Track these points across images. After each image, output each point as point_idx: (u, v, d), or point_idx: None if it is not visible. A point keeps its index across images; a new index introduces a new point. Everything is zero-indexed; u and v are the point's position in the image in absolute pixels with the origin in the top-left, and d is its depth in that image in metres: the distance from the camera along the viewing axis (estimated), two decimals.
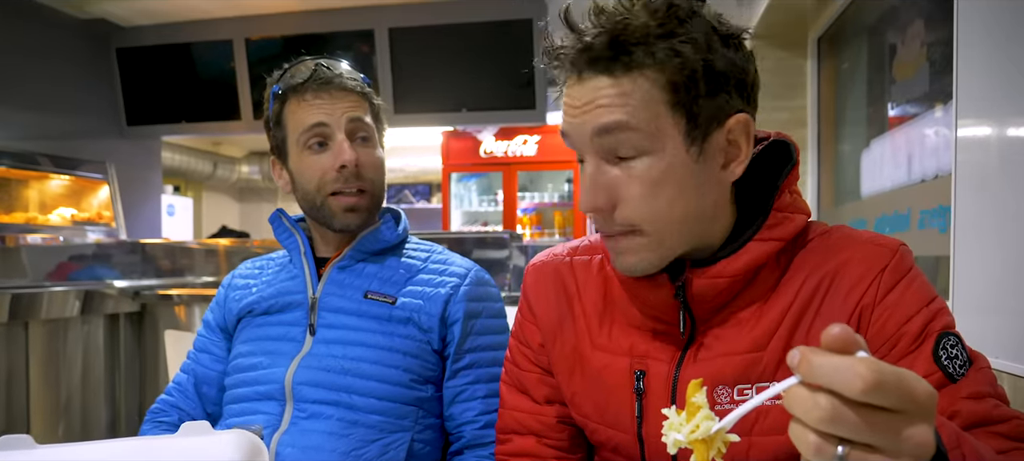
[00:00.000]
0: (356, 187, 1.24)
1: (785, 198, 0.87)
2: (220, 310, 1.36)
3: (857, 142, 2.65)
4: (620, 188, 0.81)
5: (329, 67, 1.26)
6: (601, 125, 0.79)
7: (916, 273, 0.85)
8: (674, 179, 0.80)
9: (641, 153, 0.80)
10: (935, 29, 1.94)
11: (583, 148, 0.82)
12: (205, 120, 5.24)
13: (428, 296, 1.25)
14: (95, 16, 4.96)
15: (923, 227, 1.92)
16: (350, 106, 1.24)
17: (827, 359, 0.48)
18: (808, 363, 0.48)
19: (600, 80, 0.79)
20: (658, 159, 0.80)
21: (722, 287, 0.84)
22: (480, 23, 4.64)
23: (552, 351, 1.01)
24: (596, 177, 0.81)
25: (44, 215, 4.48)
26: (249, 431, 0.86)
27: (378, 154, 1.29)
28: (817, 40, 3.16)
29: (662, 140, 0.79)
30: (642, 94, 0.78)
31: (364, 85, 1.28)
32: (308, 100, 1.24)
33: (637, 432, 0.90)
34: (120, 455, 0.78)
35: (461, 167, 6.97)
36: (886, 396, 0.47)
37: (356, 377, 1.19)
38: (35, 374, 2.77)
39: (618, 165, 0.81)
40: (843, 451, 0.48)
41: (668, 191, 0.80)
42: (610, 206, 0.82)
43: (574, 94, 0.81)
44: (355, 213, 1.25)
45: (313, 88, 1.23)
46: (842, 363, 0.47)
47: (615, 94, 0.78)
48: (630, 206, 0.81)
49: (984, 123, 1.33)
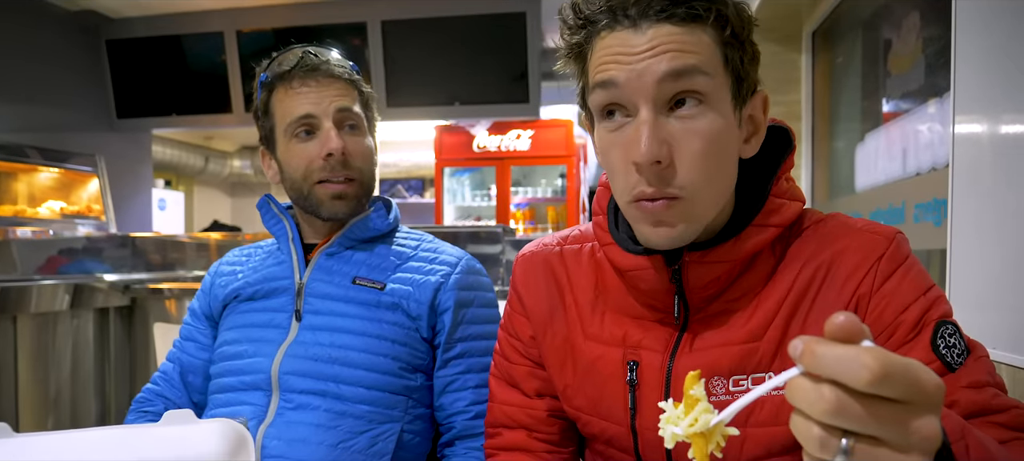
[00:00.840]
0: (343, 176, 1.22)
1: (781, 185, 0.86)
2: (206, 297, 1.34)
3: (851, 136, 2.65)
4: (680, 142, 0.77)
5: (316, 54, 1.24)
6: (673, 69, 0.75)
7: (913, 261, 0.84)
8: (724, 142, 0.79)
9: (704, 106, 0.77)
10: (931, 22, 1.93)
11: (638, 96, 0.76)
12: (196, 113, 5.22)
13: (417, 283, 1.23)
14: (85, 8, 4.93)
15: (918, 221, 1.91)
16: (337, 94, 1.23)
17: (831, 349, 0.46)
18: (812, 353, 0.46)
19: (664, 27, 0.76)
20: (717, 115, 0.78)
21: (719, 273, 0.83)
22: (474, 16, 4.63)
23: (543, 343, 0.99)
24: (655, 127, 0.76)
25: (33, 208, 4.45)
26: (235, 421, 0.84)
27: (367, 142, 1.27)
28: (812, 34, 3.16)
29: (721, 95, 0.78)
30: (706, 44, 0.76)
31: (352, 72, 1.27)
32: (295, 88, 1.22)
33: (631, 424, 0.89)
34: (101, 444, 0.76)
35: (454, 162, 6.95)
36: (893, 387, 0.45)
37: (343, 366, 1.17)
38: (24, 368, 2.74)
39: (675, 118, 0.77)
40: (847, 444, 0.46)
41: (719, 153, 0.79)
42: (669, 159, 0.77)
43: (630, 41, 0.76)
44: (342, 201, 1.24)
45: (300, 75, 1.22)
46: (847, 353, 0.45)
47: (686, 40, 0.75)
48: (686, 164, 0.77)
49: (981, 117, 1.32)
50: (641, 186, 0.78)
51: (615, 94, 0.78)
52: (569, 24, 0.81)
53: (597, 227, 0.92)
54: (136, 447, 0.76)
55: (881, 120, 2.31)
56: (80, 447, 0.76)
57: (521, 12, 4.56)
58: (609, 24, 0.78)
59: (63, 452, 0.75)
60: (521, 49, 4.61)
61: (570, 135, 6.54)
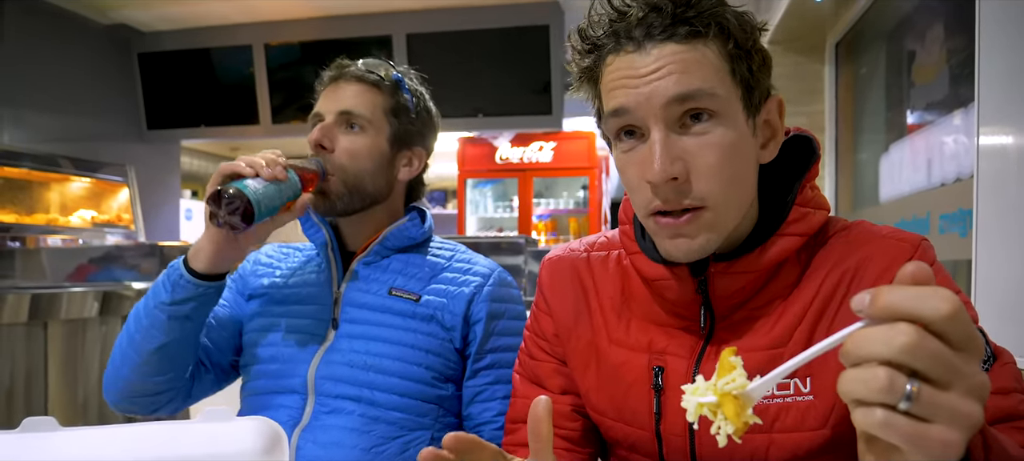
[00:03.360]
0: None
1: (806, 193, 0.86)
2: (240, 275, 1.37)
3: (875, 147, 2.64)
4: (695, 157, 0.78)
5: (348, 63, 1.28)
6: (680, 93, 0.76)
7: (938, 267, 0.84)
8: (740, 152, 0.80)
9: (715, 121, 0.78)
10: (955, 33, 1.92)
11: (648, 118, 0.78)
12: (224, 124, 5.30)
13: (451, 294, 1.25)
14: (117, 22, 5.03)
15: (943, 232, 1.91)
16: (351, 96, 1.26)
17: (908, 290, 0.46)
18: (885, 298, 0.46)
19: (667, 47, 0.77)
20: (730, 128, 0.79)
21: (745, 283, 0.84)
22: (497, 29, 4.67)
23: (567, 345, 1.01)
24: (668, 146, 0.77)
25: (64, 217, 4.53)
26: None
27: (360, 141, 1.25)
28: (835, 45, 3.15)
29: (732, 108, 0.79)
30: (711, 60, 0.77)
31: (382, 78, 1.28)
32: (324, 92, 1.28)
33: (655, 429, 0.90)
34: (140, 439, 0.79)
35: (477, 173, 6.99)
36: (961, 328, 0.46)
37: (378, 373, 1.19)
38: (54, 374, 2.80)
39: (688, 135, 0.78)
40: (912, 389, 0.45)
41: (736, 163, 0.80)
42: (685, 175, 0.78)
43: (635, 63, 0.78)
44: (321, 197, 1.24)
45: (327, 83, 1.28)
46: (924, 291, 0.46)
47: (689, 60, 0.77)
48: (704, 177, 0.78)
49: (1007, 128, 1.32)
50: (657, 202, 0.79)
51: (627, 119, 0.79)
52: (578, 49, 0.84)
53: (623, 236, 0.93)
54: (174, 443, 0.79)
55: (905, 131, 2.30)
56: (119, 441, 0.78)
57: (544, 25, 4.59)
58: (615, 48, 0.80)
59: (104, 446, 0.77)
60: (544, 61, 4.64)
61: (592, 147, 6.55)
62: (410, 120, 1.31)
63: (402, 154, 1.32)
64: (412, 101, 1.31)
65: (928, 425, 0.46)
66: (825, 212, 0.87)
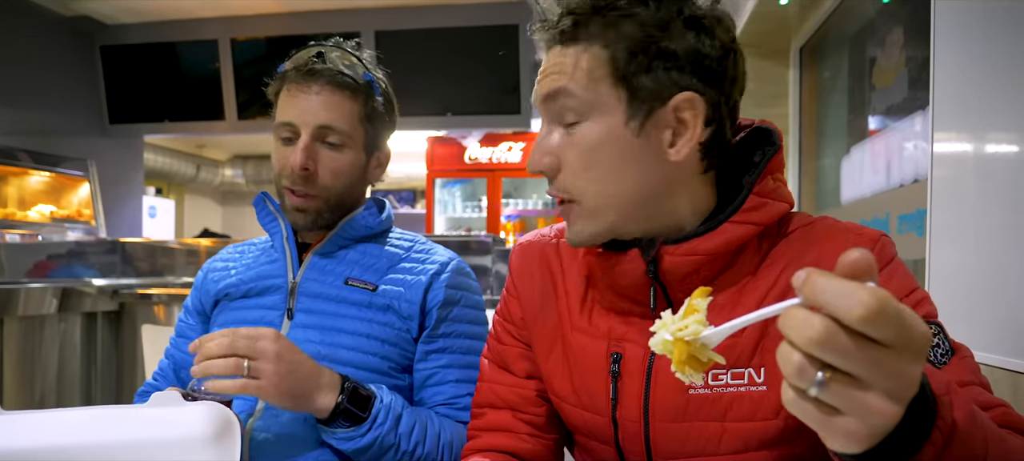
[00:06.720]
0: (304, 191, 1.22)
1: (767, 183, 0.87)
2: (198, 294, 1.35)
3: (837, 150, 2.68)
4: (561, 153, 0.86)
5: (322, 59, 1.23)
6: (546, 92, 0.86)
7: (898, 263, 0.85)
8: (611, 151, 0.84)
9: (581, 120, 0.85)
10: (914, 38, 1.97)
11: (540, 114, 0.88)
12: (189, 120, 5.22)
13: (409, 283, 1.24)
14: (80, 13, 4.93)
15: (901, 231, 1.94)
16: (326, 106, 1.21)
17: (832, 282, 0.46)
18: (812, 283, 0.47)
19: (554, 51, 0.86)
20: (595, 127, 0.84)
21: (695, 265, 0.85)
22: (467, 28, 4.66)
23: (533, 329, 1.02)
24: (542, 141, 0.88)
25: (23, 211, 4.44)
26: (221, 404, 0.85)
27: (343, 159, 1.24)
28: (799, 50, 3.20)
29: (601, 110, 0.84)
30: (586, 65, 0.83)
31: (356, 82, 1.24)
32: (291, 91, 1.22)
33: (611, 414, 0.91)
34: (89, 422, 0.77)
35: (445, 173, 6.98)
36: (883, 329, 0.45)
37: (334, 363, 1.17)
38: (9, 370, 2.73)
39: (563, 132, 0.86)
40: (823, 376, 0.46)
41: (605, 162, 0.84)
42: (552, 170, 0.87)
43: (544, 62, 0.88)
44: (302, 214, 1.24)
45: (298, 79, 1.22)
46: (847, 288, 0.46)
47: (562, 63, 0.84)
48: (568, 172, 0.86)
49: (960, 131, 1.34)
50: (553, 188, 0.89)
51: (540, 112, 0.89)
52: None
53: None
54: (124, 426, 0.77)
55: (867, 134, 2.34)
56: (69, 425, 0.77)
57: (514, 24, 4.60)
58: (544, 45, 0.88)
59: (52, 430, 0.76)
60: (514, 61, 4.65)
61: None
62: (382, 123, 1.31)
63: (374, 157, 1.32)
64: (382, 103, 1.29)
65: (835, 415, 0.48)
66: (786, 205, 0.88)
